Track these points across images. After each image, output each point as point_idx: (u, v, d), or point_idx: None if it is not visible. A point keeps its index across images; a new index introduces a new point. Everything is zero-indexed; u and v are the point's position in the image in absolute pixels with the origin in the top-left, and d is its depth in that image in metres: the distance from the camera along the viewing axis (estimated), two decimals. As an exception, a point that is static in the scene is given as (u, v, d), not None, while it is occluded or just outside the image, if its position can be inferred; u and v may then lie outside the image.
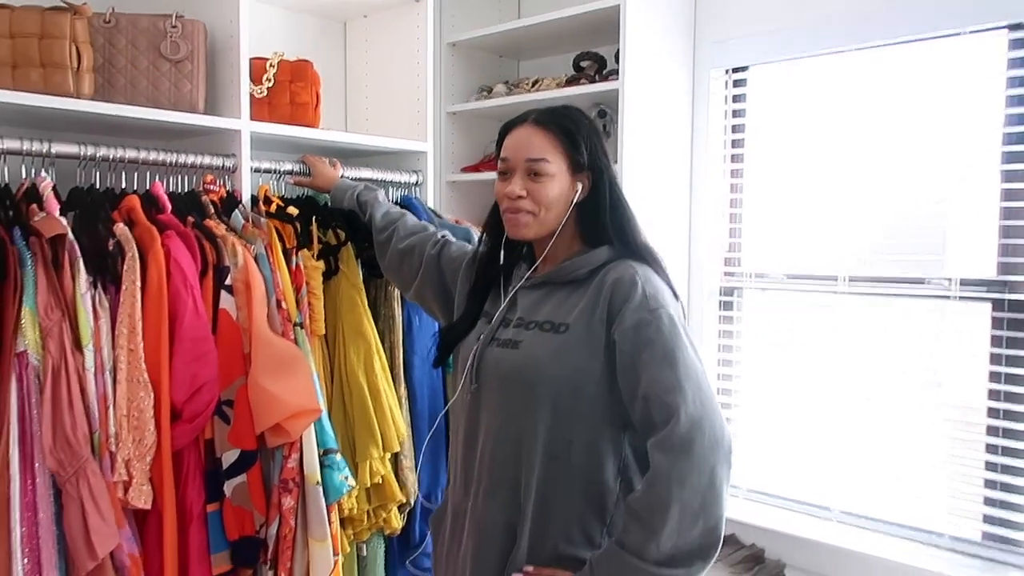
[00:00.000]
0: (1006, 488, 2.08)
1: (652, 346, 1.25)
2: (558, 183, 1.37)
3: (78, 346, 1.44)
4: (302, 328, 1.76)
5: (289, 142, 2.06)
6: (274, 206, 1.89)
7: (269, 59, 2.02)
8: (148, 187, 1.74)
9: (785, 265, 2.48)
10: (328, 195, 2.00)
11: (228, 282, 1.66)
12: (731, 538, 2.47)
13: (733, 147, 2.57)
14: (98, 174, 1.70)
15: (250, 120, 1.88)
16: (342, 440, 1.82)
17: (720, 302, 2.61)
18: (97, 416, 1.45)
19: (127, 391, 1.49)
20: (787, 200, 2.47)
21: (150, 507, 1.51)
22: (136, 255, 1.54)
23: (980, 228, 2.12)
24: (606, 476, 1.32)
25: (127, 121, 1.73)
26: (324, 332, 1.86)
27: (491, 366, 1.38)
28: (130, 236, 1.56)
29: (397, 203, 2.04)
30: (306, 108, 2.05)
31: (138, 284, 1.53)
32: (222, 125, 1.85)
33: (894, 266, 2.27)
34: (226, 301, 1.65)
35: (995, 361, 2.09)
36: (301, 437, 1.66)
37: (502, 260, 1.49)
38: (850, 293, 2.32)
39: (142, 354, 1.51)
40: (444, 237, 1.74)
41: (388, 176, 2.19)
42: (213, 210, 1.79)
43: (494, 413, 1.38)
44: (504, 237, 1.45)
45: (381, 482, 1.86)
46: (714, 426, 1.22)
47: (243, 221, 1.78)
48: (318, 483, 1.68)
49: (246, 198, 1.86)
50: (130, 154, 1.71)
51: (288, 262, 1.79)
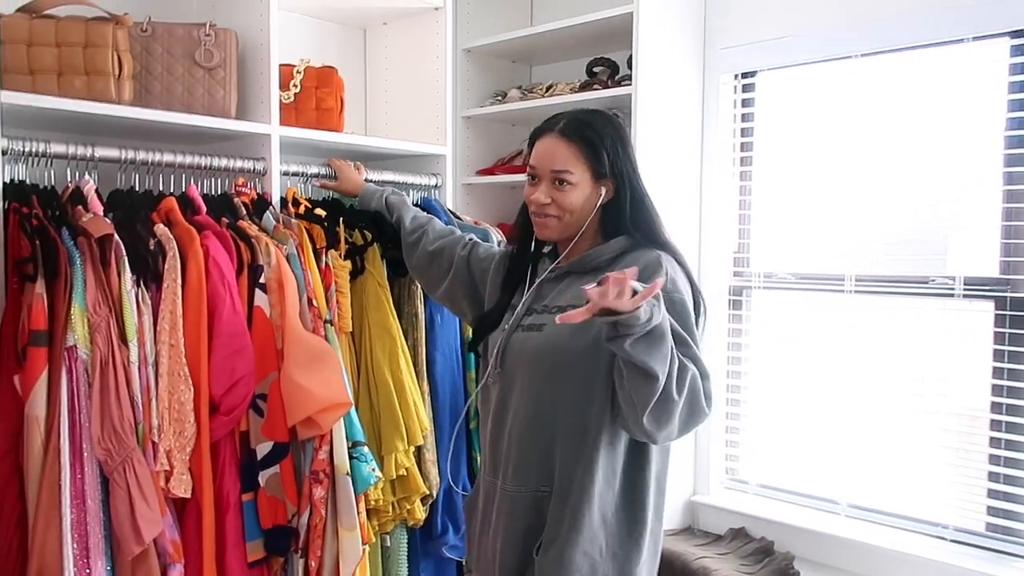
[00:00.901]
0: (1009, 481, 2.14)
1: (682, 329, 1.33)
2: (580, 191, 1.46)
3: (123, 340, 1.51)
4: (332, 325, 1.83)
5: (316, 146, 2.13)
6: (302, 208, 1.96)
7: (296, 66, 2.09)
8: (183, 189, 1.81)
9: (793, 265, 2.54)
10: (353, 198, 2.07)
11: (262, 280, 1.72)
12: (741, 531, 2.53)
13: (742, 150, 2.64)
14: (137, 177, 1.77)
15: (279, 125, 1.95)
16: (368, 433, 1.88)
17: (729, 301, 2.68)
18: (141, 408, 1.52)
19: (168, 384, 1.56)
20: (795, 202, 2.54)
21: (190, 496, 1.58)
22: (177, 254, 1.60)
23: (983, 228, 2.19)
24: (620, 448, 1.41)
25: (164, 126, 1.80)
26: (351, 329, 1.93)
27: (516, 349, 1.48)
28: (170, 236, 1.63)
29: (417, 204, 2.12)
30: (331, 113, 2.12)
31: (179, 282, 1.60)
32: (253, 130, 1.92)
33: (900, 266, 2.34)
34: (260, 299, 1.72)
35: (998, 358, 2.15)
36: (331, 430, 1.73)
37: (531, 253, 1.58)
38: (857, 292, 2.39)
39: (183, 349, 1.58)
40: (472, 240, 1.82)
41: (408, 179, 2.26)
42: (245, 211, 1.85)
43: (521, 393, 1.46)
44: (533, 235, 1.55)
45: (406, 474, 1.93)
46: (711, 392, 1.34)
47: (274, 222, 1.85)
48: (347, 474, 1.74)
49: (276, 200, 1.93)
50: (167, 158, 1.78)
51: (318, 261, 1.85)
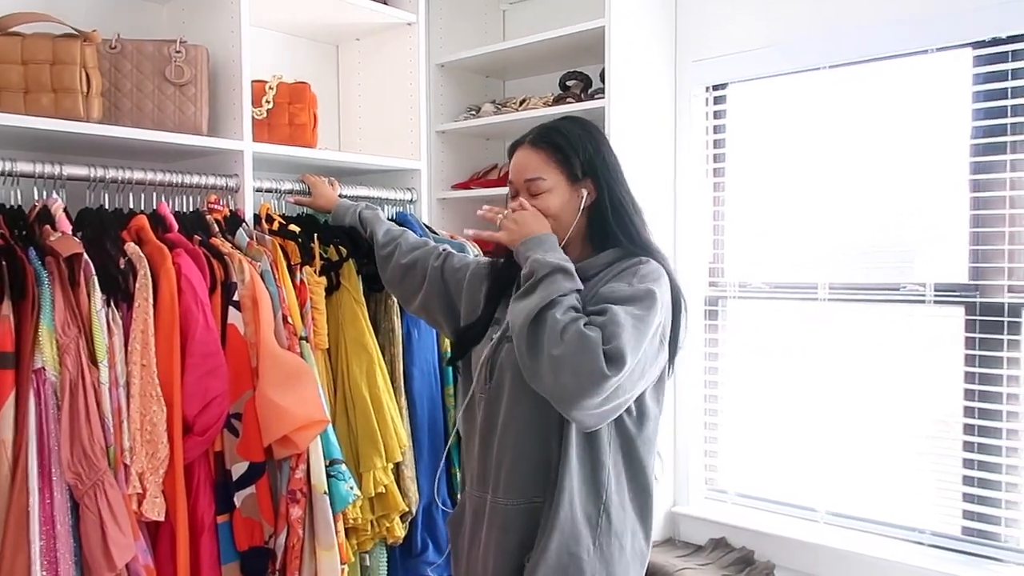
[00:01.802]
0: (983, 484, 2.17)
1: (627, 294, 1.34)
2: (557, 196, 1.47)
3: (94, 361, 1.48)
4: (307, 342, 1.81)
5: (289, 162, 2.12)
6: (276, 224, 1.94)
7: (268, 82, 2.08)
8: (154, 207, 1.79)
9: (767, 275, 2.57)
10: (327, 214, 2.06)
11: (236, 298, 1.70)
12: (722, 541, 2.54)
13: (715, 161, 2.67)
14: (106, 195, 1.75)
15: (252, 141, 1.93)
16: (345, 451, 1.86)
17: (705, 311, 2.70)
18: (112, 430, 1.49)
19: (140, 405, 1.53)
20: (768, 212, 2.57)
21: (163, 519, 1.55)
22: (148, 273, 1.58)
23: (951, 235, 2.23)
24: (603, 456, 1.41)
25: (134, 143, 1.78)
26: (327, 345, 1.91)
27: (505, 362, 1.46)
28: (141, 254, 1.60)
29: (392, 219, 2.11)
30: (304, 129, 2.11)
31: (151, 301, 1.57)
32: (225, 146, 1.90)
33: (871, 273, 2.37)
34: (234, 316, 1.70)
35: (969, 362, 2.19)
36: (308, 448, 1.71)
37: (516, 267, 1.57)
38: (830, 300, 2.42)
39: (155, 369, 1.55)
40: (446, 250, 1.80)
41: (384, 194, 2.25)
42: (218, 229, 1.83)
43: (511, 405, 1.45)
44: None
45: (384, 492, 1.90)
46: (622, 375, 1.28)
47: (248, 239, 1.83)
48: (325, 493, 1.72)
49: (249, 216, 1.91)
50: (137, 175, 1.76)
51: (292, 278, 1.84)
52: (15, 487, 1.39)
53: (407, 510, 1.96)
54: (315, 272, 1.90)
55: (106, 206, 1.75)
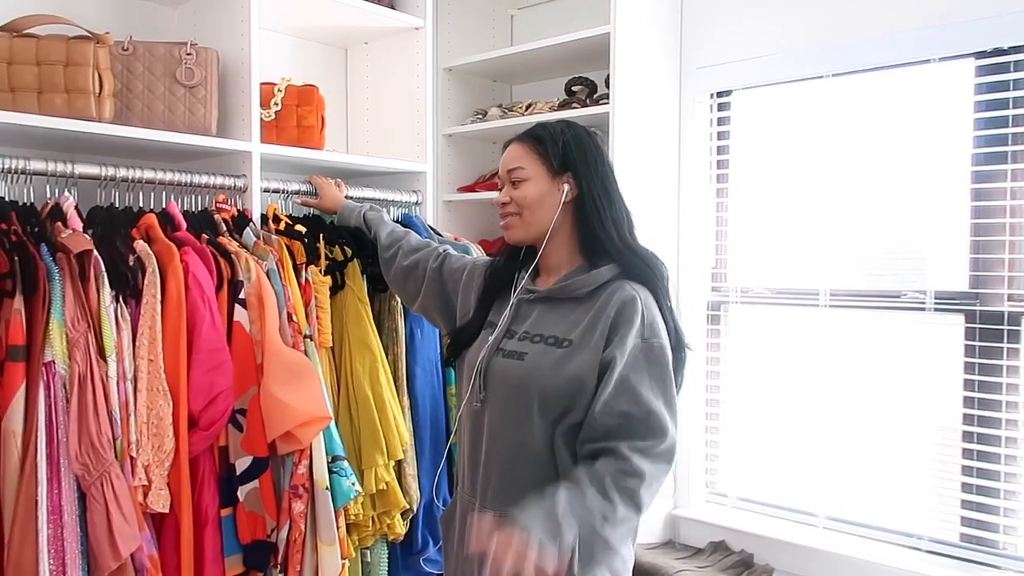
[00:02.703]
0: (982, 492, 2.18)
1: (644, 371, 1.38)
2: (535, 185, 1.50)
3: (102, 356, 1.52)
4: (312, 340, 1.84)
5: (296, 163, 2.15)
6: (283, 224, 1.97)
7: (277, 84, 2.11)
8: (164, 206, 1.82)
9: (769, 280, 2.58)
10: (333, 215, 2.09)
11: (242, 296, 1.74)
12: (721, 544, 2.55)
13: (718, 168, 2.69)
14: (117, 194, 1.78)
15: (260, 142, 1.97)
16: (348, 448, 1.89)
17: (707, 316, 2.72)
18: (119, 423, 1.52)
19: (147, 399, 1.57)
20: (771, 218, 2.58)
21: (168, 511, 1.58)
22: (156, 270, 1.62)
23: (953, 243, 2.24)
24: None
25: (144, 143, 1.81)
26: (331, 344, 1.94)
27: (498, 376, 1.48)
28: (150, 252, 1.64)
29: (397, 221, 2.14)
30: (312, 131, 2.14)
31: (158, 297, 1.61)
32: (234, 147, 1.94)
33: (873, 280, 2.39)
34: (240, 314, 1.73)
35: (969, 370, 2.19)
36: (311, 444, 1.74)
37: (509, 269, 1.60)
38: (831, 307, 2.43)
39: (162, 364, 1.59)
40: (445, 250, 1.83)
41: (389, 195, 2.28)
42: (225, 228, 1.87)
43: (498, 419, 1.47)
44: (509, 248, 1.57)
45: (386, 489, 1.93)
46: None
47: (254, 238, 1.86)
48: (327, 488, 1.75)
49: (256, 216, 1.95)
50: (147, 174, 1.80)
51: (298, 277, 1.87)
52: (24, 477, 1.43)
53: (408, 507, 1.99)
54: (320, 272, 1.93)
55: (116, 204, 1.79)
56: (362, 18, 2.31)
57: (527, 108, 2.74)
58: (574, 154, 1.50)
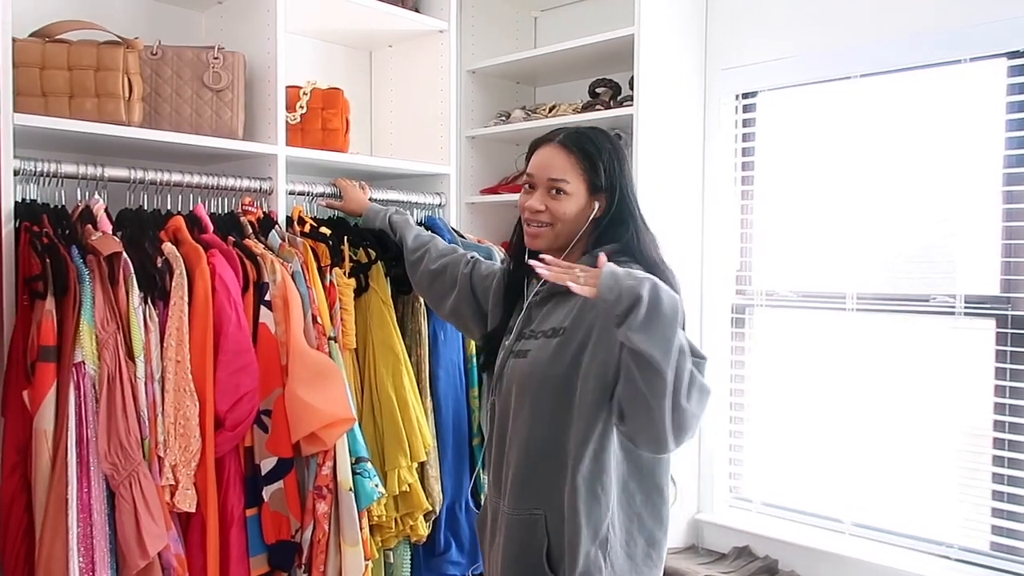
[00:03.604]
0: (1013, 500, 2.14)
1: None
2: (575, 201, 1.48)
3: (131, 356, 1.54)
4: (336, 342, 1.85)
5: (321, 166, 2.17)
6: (308, 226, 1.99)
7: (302, 87, 2.13)
8: (191, 209, 1.84)
9: (794, 284, 2.56)
10: (357, 217, 2.10)
11: (267, 298, 1.75)
12: (745, 550, 2.53)
13: (743, 169, 2.67)
14: (145, 196, 1.81)
15: (285, 145, 1.98)
16: (371, 450, 1.90)
17: (732, 319, 2.69)
18: (147, 423, 1.54)
19: (174, 400, 1.58)
20: (796, 220, 2.56)
21: (194, 510, 1.59)
22: (184, 272, 1.63)
23: (983, 247, 2.20)
24: (606, 467, 1.40)
25: (173, 147, 1.84)
26: (355, 346, 1.95)
27: (509, 374, 1.50)
28: (177, 254, 1.66)
29: (421, 223, 2.15)
30: (337, 134, 2.16)
31: (185, 299, 1.62)
32: (260, 150, 1.96)
33: (901, 284, 2.35)
34: (265, 316, 1.75)
35: (1000, 375, 2.15)
36: (335, 445, 1.75)
37: (523, 271, 1.58)
38: (858, 310, 2.40)
39: (189, 365, 1.61)
40: (474, 257, 1.83)
41: (413, 198, 2.29)
42: (251, 230, 1.89)
43: (515, 418, 1.48)
44: (526, 250, 1.55)
45: (408, 490, 1.94)
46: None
47: (280, 241, 1.88)
48: (351, 489, 1.76)
49: (281, 219, 1.96)
50: (175, 177, 1.82)
51: (323, 279, 1.88)
52: (55, 476, 1.45)
53: (431, 509, 1.99)
54: (344, 274, 1.94)
55: (145, 207, 1.81)
56: (386, 21, 2.33)
57: (551, 110, 2.73)
58: (616, 174, 1.49)
